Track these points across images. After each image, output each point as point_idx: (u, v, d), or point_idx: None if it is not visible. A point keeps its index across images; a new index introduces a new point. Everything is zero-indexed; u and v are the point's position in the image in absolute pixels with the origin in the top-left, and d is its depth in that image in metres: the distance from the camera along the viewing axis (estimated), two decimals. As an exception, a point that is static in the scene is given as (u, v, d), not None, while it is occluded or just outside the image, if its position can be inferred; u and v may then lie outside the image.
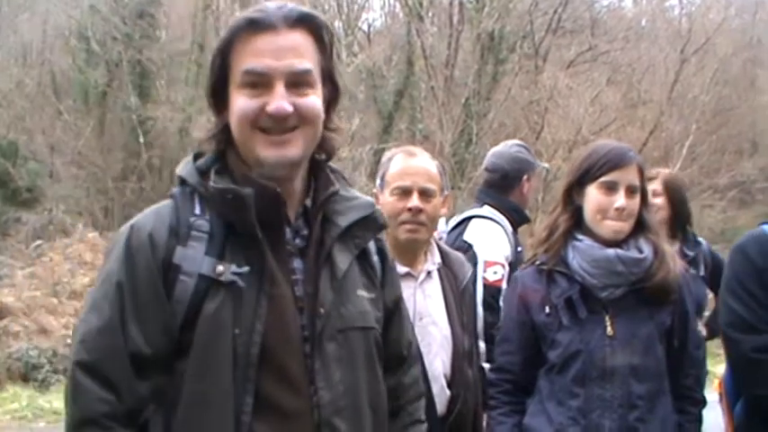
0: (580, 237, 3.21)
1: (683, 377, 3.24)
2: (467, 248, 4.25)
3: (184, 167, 2.16)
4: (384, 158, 3.55)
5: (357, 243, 2.21)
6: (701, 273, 4.63)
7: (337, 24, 20.62)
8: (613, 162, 3.15)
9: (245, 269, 2.01)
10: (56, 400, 10.74)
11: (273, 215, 2.07)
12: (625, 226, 3.16)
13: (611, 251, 3.14)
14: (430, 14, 20.76)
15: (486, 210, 4.55)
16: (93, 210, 18.92)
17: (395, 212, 3.32)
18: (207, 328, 1.98)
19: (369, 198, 2.29)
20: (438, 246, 3.60)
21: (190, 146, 20.25)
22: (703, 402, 3.36)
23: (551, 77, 19.74)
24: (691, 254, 4.59)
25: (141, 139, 19.64)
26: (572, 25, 22.79)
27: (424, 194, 3.37)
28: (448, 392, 3.35)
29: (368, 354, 2.20)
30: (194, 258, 2.01)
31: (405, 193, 3.37)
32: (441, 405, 3.33)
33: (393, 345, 2.36)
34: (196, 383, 1.97)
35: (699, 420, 3.31)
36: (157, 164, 20.38)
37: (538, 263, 3.27)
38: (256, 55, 2.02)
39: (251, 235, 2.03)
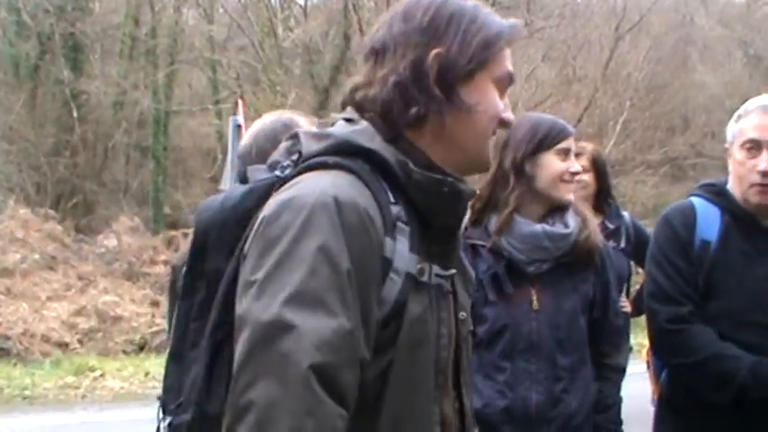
0: None
1: (603, 345, 3.33)
2: None
3: (371, 138, 1.81)
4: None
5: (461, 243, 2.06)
6: (623, 245, 4.70)
7: (274, -1, 20.51)
8: (566, 131, 3.28)
9: (452, 271, 1.86)
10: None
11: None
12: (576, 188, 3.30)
13: (538, 227, 3.20)
14: (367, -11, 20.71)
15: None
16: (26, 186, 18.60)
17: None
18: (415, 332, 1.74)
19: None
20: None
21: (124, 120, 20.07)
22: (622, 370, 3.46)
23: (487, 53, 19.78)
24: (612, 226, 4.67)
25: (75, 114, 19.35)
26: (508, 1, 22.84)
27: None
28: None
29: (471, 356, 2.07)
30: (402, 254, 1.73)
31: None
32: None
33: None
34: (403, 393, 1.73)
35: (618, 386, 3.41)
36: (91, 139, 20.10)
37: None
38: (510, 60, 1.90)
39: (448, 233, 1.86)
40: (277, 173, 1.82)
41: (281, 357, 1.56)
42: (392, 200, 1.75)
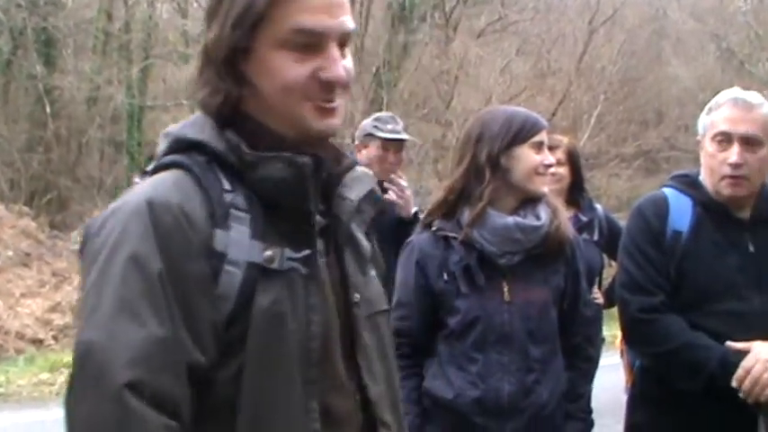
0: None
1: (573, 336, 3.36)
2: None
3: (201, 130, 1.74)
4: None
5: (364, 219, 1.91)
6: (596, 237, 4.75)
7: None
8: (540, 124, 3.29)
9: (306, 253, 1.70)
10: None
11: (312, 190, 1.75)
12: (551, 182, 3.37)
13: (510, 219, 3.21)
14: (341, -17, 20.66)
15: None
16: (-2, 182, 18.47)
17: None
18: (266, 326, 1.64)
19: (365, 168, 1.96)
20: None
21: (98, 115, 19.94)
22: (594, 360, 3.50)
23: (462, 47, 19.86)
24: (585, 219, 4.71)
25: (48, 110, 19.16)
26: (483, -4, 22.93)
27: None
28: None
29: (390, 338, 1.97)
30: (240, 243, 1.65)
31: None
32: None
33: None
34: (259, 393, 1.64)
35: (589, 375, 3.45)
36: (65, 134, 19.93)
37: (434, 228, 3.30)
38: (310, 10, 1.67)
39: (298, 212, 1.72)
40: (137, 179, 1.78)
41: (95, 376, 1.53)
42: (228, 188, 1.69)
